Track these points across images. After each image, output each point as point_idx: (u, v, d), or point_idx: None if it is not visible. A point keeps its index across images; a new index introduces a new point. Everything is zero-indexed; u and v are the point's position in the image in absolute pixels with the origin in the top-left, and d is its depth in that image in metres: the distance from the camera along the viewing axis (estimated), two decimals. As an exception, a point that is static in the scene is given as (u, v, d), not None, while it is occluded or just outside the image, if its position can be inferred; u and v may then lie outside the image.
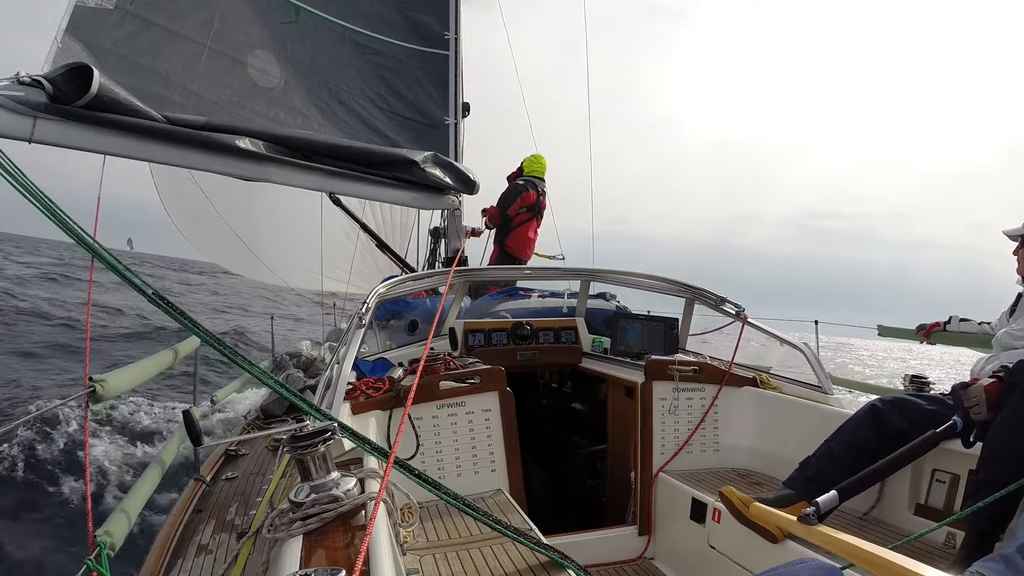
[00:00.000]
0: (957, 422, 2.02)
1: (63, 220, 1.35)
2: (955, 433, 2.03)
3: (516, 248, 5.68)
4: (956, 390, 2.09)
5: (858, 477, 2.06)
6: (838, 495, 1.98)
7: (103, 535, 1.95)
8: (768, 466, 2.85)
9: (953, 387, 2.14)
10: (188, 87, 3.50)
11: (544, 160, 5.86)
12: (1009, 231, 2.53)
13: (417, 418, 2.50)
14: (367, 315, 2.54)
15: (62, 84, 2.62)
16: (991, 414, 1.94)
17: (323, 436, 1.19)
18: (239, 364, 1.40)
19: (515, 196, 5.59)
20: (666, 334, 3.51)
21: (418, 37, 4.82)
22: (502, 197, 5.63)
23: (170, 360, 3.15)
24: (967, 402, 1.99)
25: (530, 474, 3.08)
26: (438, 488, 1.42)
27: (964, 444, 2.04)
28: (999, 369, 2.06)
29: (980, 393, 1.96)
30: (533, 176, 5.77)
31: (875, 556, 1.43)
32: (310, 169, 3.51)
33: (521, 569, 1.75)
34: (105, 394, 2.15)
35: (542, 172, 5.84)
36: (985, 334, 3.09)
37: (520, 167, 5.86)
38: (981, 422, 1.98)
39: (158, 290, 1.38)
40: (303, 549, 1.04)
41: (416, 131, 4.55)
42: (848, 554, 1.55)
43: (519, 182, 5.69)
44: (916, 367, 15.48)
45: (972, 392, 1.98)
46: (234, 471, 3.53)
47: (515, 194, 5.60)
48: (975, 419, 1.98)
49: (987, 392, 1.95)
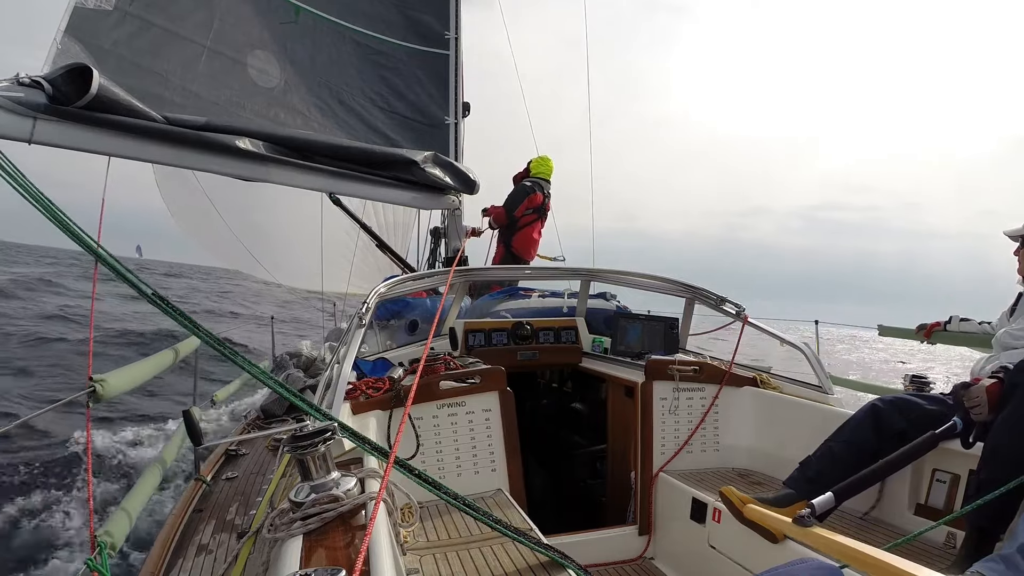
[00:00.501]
0: (957, 423, 2.01)
1: (64, 223, 1.35)
2: (955, 434, 2.02)
3: (521, 249, 5.69)
4: (957, 390, 2.08)
5: (855, 479, 2.06)
6: (834, 497, 1.97)
7: (104, 535, 1.95)
8: (768, 466, 2.85)
9: (954, 387, 2.14)
10: (188, 87, 3.50)
11: (551, 162, 5.86)
12: (1009, 231, 2.52)
13: (417, 418, 2.50)
14: (367, 315, 2.54)
15: (62, 85, 2.62)
16: (992, 415, 1.94)
17: (323, 436, 1.20)
18: (239, 364, 1.40)
19: (523, 197, 5.60)
20: (666, 334, 3.51)
21: (418, 37, 4.82)
22: (509, 198, 5.63)
23: (170, 360, 3.16)
24: (968, 403, 1.98)
25: (530, 474, 3.07)
26: (438, 488, 1.42)
27: (964, 445, 2.03)
28: (999, 369, 2.05)
29: (982, 394, 1.94)
30: (539, 177, 5.78)
31: (870, 557, 1.43)
32: (310, 169, 3.51)
33: (521, 569, 1.75)
34: (105, 394, 2.15)
35: (549, 174, 5.84)
36: (985, 334, 3.08)
37: (527, 168, 5.87)
38: (982, 423, 1.98)
39: (157, 291, 1.38)
40: (303, 549, 1.04)
41: (416, 131, 4.55)
42: (843, 555, 1.56)
43: (526, 183, 5.69)
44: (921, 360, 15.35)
45: (973, 393, 1.97)
46: (234, 471, 3.54)
47: (522, 195, 5.60)
48: (976, 420, 1.98)
49: (988, 393, 1.94)
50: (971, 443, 2.02)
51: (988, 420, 1.96)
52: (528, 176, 5.80)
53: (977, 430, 2.00)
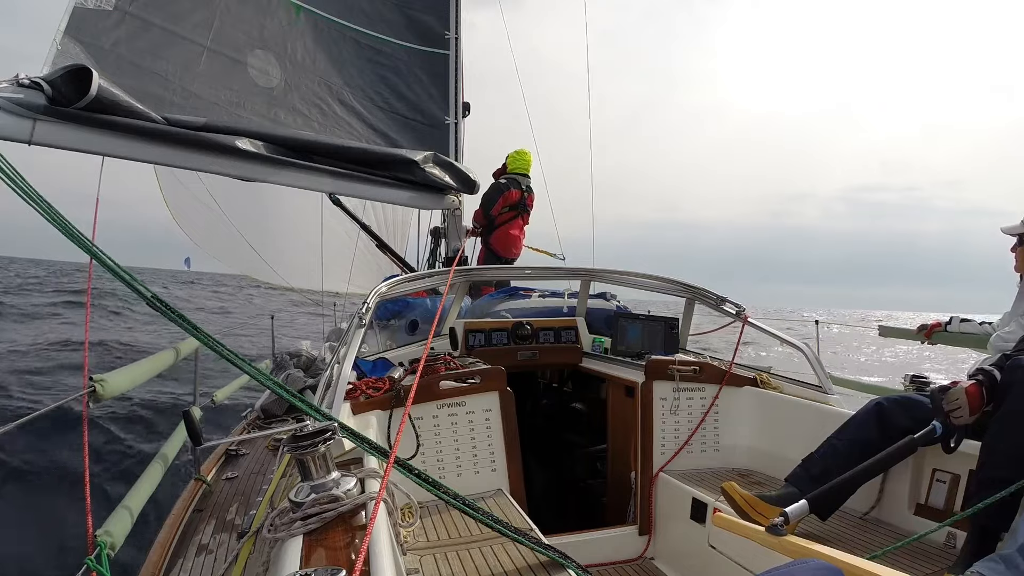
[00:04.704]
0: (936, 427, 1.97)
1: (62, 223, 1.35)
2: (935, 438, 1.98)
3: (500, 247, 5.64)
4: (935, 394, 2.02)
5: (830, 486, 2.04)
6: (808, 505, 1.96)
7: (103, 535, 1.96)
8: (768, 466, 2.85)
9: (932, 391, 2.08)
10: (188, 88, 3.50)
11: (529, 156, 5.80)
12: (1008, 228, 2.52)
13: (417, 418, 2.50)
14: (367, 315, 2.54)
15: (61, 86, 2.61)
16: (973, 417, 1.91)
17: (323, 436, 1.20)
18: (238, 366, 1.40)
19: (497, 195, 5.56)
20: (666, 334, 3.51)
21: (419, 37, 4.82)
22: (484, 197, 5.57)
23: (170, 360, 3.15)
24: (948, 406, 1.94)
25: (530, 474, 3.08)
26: (438, 488, 1.42)
27: (945, 449, 2.00)
28: (976, 371, 2.01)
29: (962, 396, 1.91)
30: (516, 173, 5.74)
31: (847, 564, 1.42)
32: (310, 169, 3.50)
33: (521, 569, 1.75)
34: (105, 394, 2.15)
35: (527, 168, 5.78)
36: (986, 334, 3.08)
37: (504, 164, 5.84)
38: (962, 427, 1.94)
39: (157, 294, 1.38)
40: (303, 549, 1.04)
41: (416, 131, 4.55)
42: None
43: (501, 181, 5.66)
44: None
45: (953, 395, 1.93)
46: (234, 471, 3.54)
47: (497, 193, 5.56)
48: (956, 424, 1.93)
49: (968, 395, 1.90)
50: (952, 447, 1.98)
51: (969, 423, 1.93)
52: (505, 173, 5.78)
53: (959, 433, 1.96)
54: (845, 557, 1.46)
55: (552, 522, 2.64)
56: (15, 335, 12.83)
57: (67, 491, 5.36)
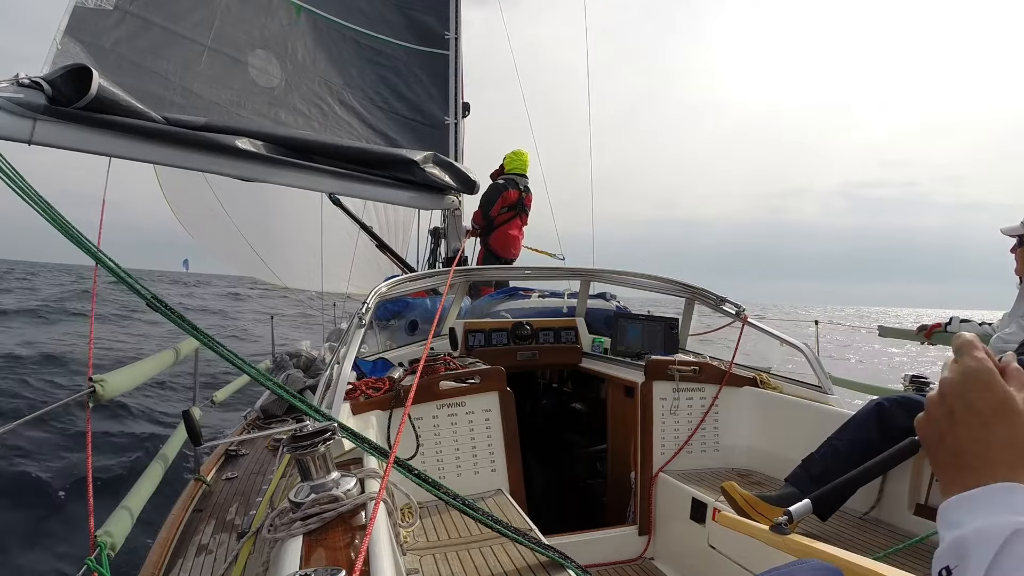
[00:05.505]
0: None
1: (64, 225, 1.35)
2: None
3: (499, 247, 5.65)
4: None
5: (832, 487, 2.04)
6: (811, 504, 1.96)
7: (103, 535, 1.95)
8: (768, 466, 2.85)
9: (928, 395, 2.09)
10: (188, 87, 3.50)
11: (526, 156, 5.81)
12: (1007, 229, 2.52)
13: (417, 418, 2.50)
14: (367, 315, 2.54)
15: (61, 86, 2.61)
16: None
17: (323, 436, 1.20)
18: (238, 366, 1.41)
19: (496, 196, 5.57)
20: (666, 334, 3.51)
21: (418, 37, 4.82)
22: (483, 198, 5.59)
23: (170, 360, 3.15)
24: None
25: (530, 474, 3.08)
26: (438, 488, 1.42)
27: None
28: None
29: None
30: (514, 173, 5.74)
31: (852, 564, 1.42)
32: (310, 169, 3.50)
33: (521, 569, 1.75)
34: (105, 394, 2.15)
35: (524, 168, 5.79)
36: (986, 335, 3.08)
37: (501, 165, 5.83)
38: None
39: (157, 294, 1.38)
40: (303, 549, 1.04)
41: (416, 131, 4.55)
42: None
43: (499, 181, 5.66)
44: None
45: None
46: (234, 471, 3.54)
47: (496, 193, 5.58)
48: None
49: None
50: None
51: None
52: (503, 173, 5.78)
53: None
54: (850, 557, 1.46)
55: (552, 522, 2.64)
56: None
57: (67, 491, 5.36)
